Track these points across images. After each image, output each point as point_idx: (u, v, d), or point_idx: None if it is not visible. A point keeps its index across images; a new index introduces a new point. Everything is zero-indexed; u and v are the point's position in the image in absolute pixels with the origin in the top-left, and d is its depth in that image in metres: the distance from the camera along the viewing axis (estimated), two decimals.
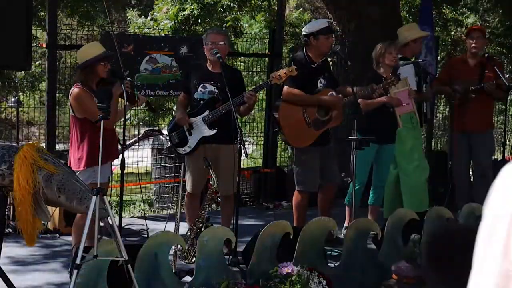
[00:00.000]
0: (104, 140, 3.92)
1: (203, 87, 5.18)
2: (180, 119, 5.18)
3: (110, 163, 4.85)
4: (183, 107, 5.29)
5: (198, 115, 5.16)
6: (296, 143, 5.36)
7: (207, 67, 5.22)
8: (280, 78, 5.01)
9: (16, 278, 4.32)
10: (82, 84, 4.64)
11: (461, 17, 13.00)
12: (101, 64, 4.63)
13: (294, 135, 5.31)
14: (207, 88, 5.17)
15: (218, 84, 5.12)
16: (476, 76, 6.40)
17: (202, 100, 5.17)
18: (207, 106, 5.13)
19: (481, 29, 6.53)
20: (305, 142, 5.30)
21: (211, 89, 5.16)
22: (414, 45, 6.08)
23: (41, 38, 7.74)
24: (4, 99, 11.01)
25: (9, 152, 3.58)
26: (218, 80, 5.11)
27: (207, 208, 5.02)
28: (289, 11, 13.33)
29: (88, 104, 4.55)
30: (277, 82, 5.05)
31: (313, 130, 5.29)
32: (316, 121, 5.30)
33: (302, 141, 5.31)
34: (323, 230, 4.26)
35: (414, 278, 4.13)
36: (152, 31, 9.54)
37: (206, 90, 5.17)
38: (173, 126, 5.30)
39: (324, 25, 5.32)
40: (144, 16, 11.22)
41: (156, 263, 3.76)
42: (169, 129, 5.36)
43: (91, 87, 4.63)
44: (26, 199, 3.48)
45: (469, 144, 6.52)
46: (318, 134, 5.32)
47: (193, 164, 5.22)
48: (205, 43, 5.18)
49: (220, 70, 5.03)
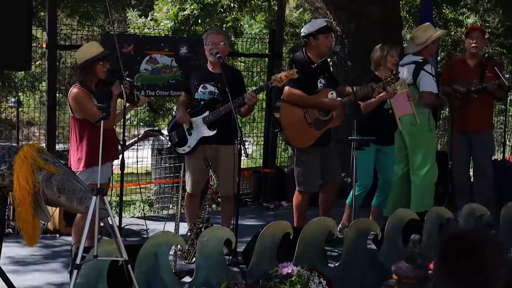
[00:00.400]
0: (104, 141, 3.91)
1: (203, 87, 5.18)
2: (181, 117, 5.17)
3: (110, 163, 4.85)
4: (184, 106, 5.29)
5: (198, 115, 5.16)
6: (298, 144, 5.36)
7: (208, 67, 5.22)
8: (281, 80, 5.02)
9: (16, 278, 4.32)
10: (81, 85, 4.64)
11: (461, 17, 13.00)
12: (100, 64, 4.63)
13: (296, 136, 5.31)
14: (207, 89, 5.17)
15: (219, 85, 5.12)
16: (476, 76, 6.40)
17: (202, 101, 5.17)
18: (207, 106, 5.13)
19: (480, 29, 6.52)
20: (307, 143, 5.30)
21: (211, 89, 5.16)
22: (432, 46, 6.06)
23: (41, 38, 7.75)
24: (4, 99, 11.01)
25: (9, 152, 3.58)
26: (218, 81, 5.11)
27: (207, 208, 5.02)
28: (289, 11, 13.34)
29: (87, 105, 4.55)
30: (277, 84, 5.06)
31: (314, 130, 5.29)
32: (317, 121, 5.30)
33: (303, 141, 5.31)
34: (323, 230, 4.26)
35: (414, 278, 4.13)
36: (152, 31, 9.54)
37: (206, 91, 5.17)
38: (173, 125, 5.30)
39: (322, 24, 5.32)
40: (144, 16, 11.22)
41: (156, 263, 3.76)
42: (169, 129, 5.36)
43: (90, 88, 4.64)
44: (26, 199, 3.48)
45: (469, 144, 6.52)
46: (320, 134, 5.32)
47: (193, 164, 5.22)
48: (205, 43, 5.18)
49: (220, 71, 5.03)
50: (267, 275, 3.96)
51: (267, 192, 7.61)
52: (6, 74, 10.30)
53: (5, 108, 11.29)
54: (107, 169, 4.76)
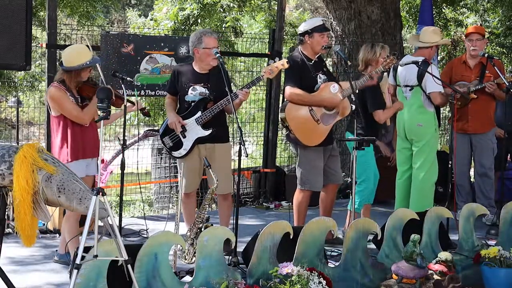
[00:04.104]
0: (83, 136, 4.11)
1: (193, 89, 5.14)
2: (172, 123, 5.12)
3: (95, 160, 4.88)
4: (173, 109, 5.23)
5: (190, 116, 5.13)
6: (309, 142, 5.29)
7: (194, 68, 5.19)
8: (271, 72, 5.01)
9: (16, 278, 4.32)
10: (62, 83, 4.73)
11: (461, 17, 13.00)
12: (86, 69, 4.74)
13: (306, 135, 5.28)
14: (197, 90, 5.14)
15: (208, 85, 5.11)
16: (476, 76, 6.40)
17: (193, 102, 5.14)
18: (198, 107, 5.11)
19: (479, 32, 6.49)
20: (318, 139, 5.28)
21: (201, 90, 5.13)
22: (432, 51, 6.04)
23: (41, 38, 7.75)
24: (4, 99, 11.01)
25: (9, 152, 3.58)
26: (207, 81, 5.10)
27: (207, 207, 5.02)
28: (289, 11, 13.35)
29: (64, 103, 4.67)
30: (269, 76, 5.06)
31: (323, 126, 5.28)
32: (325, 116, 5.29)
33: (314, 139, 5.28)
34: (323, 230, 4.25)
35: (414, 278, 4.12)
36: (152, 31, 9.54)
37: (196, 92, 5.14)
38: (164, 130, 5.23)
39: (318, 23, 5.31)
40: (144, 16, 11.22)
41: (156, 263, 3.76)
42: (161, 134, 5.27)
43: (70, 88, 4.73)
44: (25, 199, 3.48)
45: (470, 144, 6.52)
46: (329, 128, 5.31)
47: (187, 165, 5.17)
48: (198, 46, 5.07)
49: (207, 71, 5.03)
50: (267, 275, 3.96)
51: (267, 192, 7.61)
52: (6, 74, 10.30)
53: (5, 108, 11.28)
54: (93, 165, 4.85)
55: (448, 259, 4.34)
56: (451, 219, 5.37)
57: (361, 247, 4.38)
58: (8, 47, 4.76)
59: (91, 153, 4.83)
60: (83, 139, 4.76)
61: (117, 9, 13.35)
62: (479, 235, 5.30)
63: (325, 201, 5.55)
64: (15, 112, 7.88)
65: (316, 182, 5.39)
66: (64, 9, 10.83)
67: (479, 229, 5.52)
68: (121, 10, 13.57)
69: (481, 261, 4.50)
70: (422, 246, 4.56)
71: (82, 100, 4.79)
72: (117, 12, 13.76)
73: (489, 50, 11.66)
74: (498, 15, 12.86)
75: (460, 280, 4.32)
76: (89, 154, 4.82)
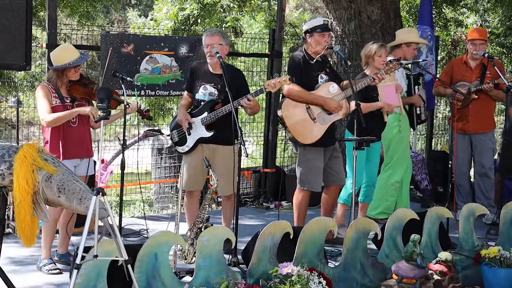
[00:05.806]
0: (69, 136, 4.31)
1: (204, 88, 5.20)
2: (180, 120, 5.22)
3: (88, 160, 4.86)
4: (185, 107, 5.32)
5: (198, 116, 5.18)
6: (304, 140, 5.29)
7: (208, 68, 5.22)
8: (274, 86, 5.04)
9: (16, 278, 4.32)
10: (50, 83, 4.74)
11: (461, 17, 13.01)
12: (72, 69, 4.72)
13: (301, 132, 5.28)
14: (207, 90, 5.18)
15: (219, 86, 5.12)
16: (477, 77, 6.41)
17: (202, 101, 5.19)
18: (206, 108, 5.15)
19: (483, 37, 6.46)
20: (313, 138, 5.26)
21: (211, 91, 5.17)
22: (406, 49, 6.10)
23: (41, 38, 7.75)
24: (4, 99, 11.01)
25: (9, 152, 3.58)
26: (219, 82, 5.12)
27: (207, 207, 5.02)
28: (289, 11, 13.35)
29: (41, 101, 4.66)
30: (271, 90, 5.10)
31: (319, 125, 5.28)
32: (322, 115, 5.29)
33: (310, 137, 5.27)
34: (323, 230, 4.26)
35: (414, 278, 4.13)
36: (152, 31, 9.54)
37: (206, 92, 5.18)
38: (175, 124, 5.33)
39: (319, 23, 5.32)
40: (144, 16, 11.23)
41: (156, 263, 3.76)
42: (171, 127, 5.39)
43: (58, 87, 4.73)
44: (25, 199, 3.48)
45: (470, 144, 6.52)
46: (326, 128, 5.30)
47: (190, 161, 5.23)
48: (203, 46, 5.20)
49: (221, 72, 5.03)
50: (267, 275, 3.97)
51: (267, 192, 7.61)
52: (6, 74, 10.30)
53: (5, 108, 11.28)
54: (83, 166, 4.81)
55: (448, 259, 4.35)
56: (451, 219, 5.38)
57: (361, 247, 4.38)
58: (8, 47, 4.77)
59: (77, 154, 4.76)
60: (71, 139, 4.71)
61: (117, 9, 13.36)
62: (479, 235, 5.31)
63: (326, 202, 5.54)
64: (15, 112, 7.87)
65: (315, 182, 5.38)
66: (64, 9, 10.83)
67: (479, 229, 5.52)
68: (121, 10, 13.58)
69: (481, 261, 4.51)
70: (422, 246, 4.56)
71: (73, 100, 4.78)
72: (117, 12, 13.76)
73: (489, 50, 11.66)
74: (498, 15, 12.87)
75: (460, 280, 4.33)
76: (75, 155, 4.75)
